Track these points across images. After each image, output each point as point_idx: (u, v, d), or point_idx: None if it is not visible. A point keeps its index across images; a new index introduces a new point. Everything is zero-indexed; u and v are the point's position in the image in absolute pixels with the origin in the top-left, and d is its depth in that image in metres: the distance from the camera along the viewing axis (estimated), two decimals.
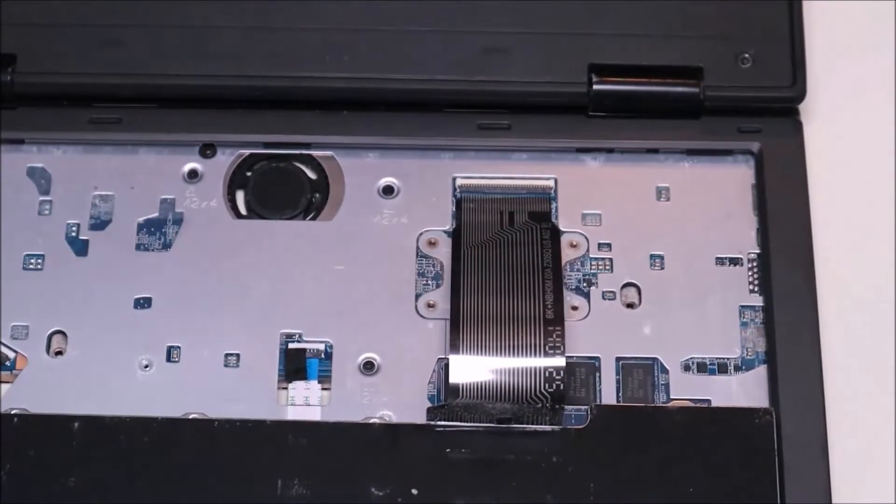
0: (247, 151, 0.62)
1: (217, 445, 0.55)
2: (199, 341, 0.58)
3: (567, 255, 0.60)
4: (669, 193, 0.61)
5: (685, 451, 0.55)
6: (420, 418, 0.57)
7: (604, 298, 0.59)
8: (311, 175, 0.61)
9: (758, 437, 0.56)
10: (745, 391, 0.58)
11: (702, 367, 0.58)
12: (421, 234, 0.60)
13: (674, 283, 0.59)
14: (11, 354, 0.58)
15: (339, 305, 0.59)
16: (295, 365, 0.58)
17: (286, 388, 0.58)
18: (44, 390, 0.57)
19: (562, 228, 0.60)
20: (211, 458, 0.55)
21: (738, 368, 0.58)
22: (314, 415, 0.57)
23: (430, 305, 0.59)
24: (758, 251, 0.60)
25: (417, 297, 0.59)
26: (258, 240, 0.60)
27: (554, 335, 0.56)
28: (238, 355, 0.58)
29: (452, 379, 0.55)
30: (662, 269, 0.59)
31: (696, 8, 0.62)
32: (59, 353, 0.58)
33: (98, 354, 0.58)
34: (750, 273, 0.59)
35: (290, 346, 0.58)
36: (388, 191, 0.61)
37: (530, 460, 0.55)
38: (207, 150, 0.61)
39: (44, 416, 0.56)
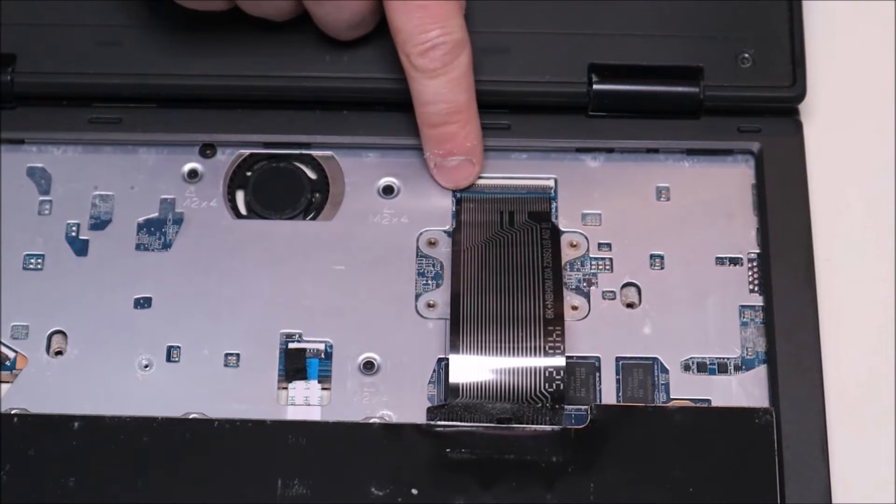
0: (247, 151, 0.62)
1: (217, 445, 0.55)
2: (199, 341, 0.58)
3: (567, 255, 0.60)
4: (669, 193, 0.61)
5: (685, 451, 0.55)
6: (420, 418, 0.57)
7: (604, 298, 0.59)
8: (311, 175, 0.61)
9: (758, 436, 0.56)
10: (745, 391, 0.58)
11: (702, 367, 0.58)
12: (421, 234, 0.60)
13: (674, 283, 0.59)
14: (11, 354, 0.58)
15: (339, 305, 0.59)
16: (295, 365, 0.58)
17: (286, 388, 0.58)
18: (44, 390, 0.57)
19: (562, 228, 0.60)
20: (211, 458, 0.55)
21: (738, 368, 0.58)
22: (314, 415, 0.57)
23: (430, 305, 0.59)
24: (758, 251, 0.60)
25: (417, 297, 0.59)
26: (258, 240, 0.60)
27: (554, 335, 0.56)
28: (238, 355, 0.58)
29: (452, 379, 0.55)
30: (662, 268, 0.59)
31: (696, 8, 0.62)
32: (59, 353, 0.58)
33: (98, 354, 0.58)
34: (750, 273, 0.59)
35: (290, 346, 0.58)
36: (388, 191, 0.61)
37: (530, 460, 0.55)
38: (207, 150, 0.61)
39: (44, 416, 0.56)
